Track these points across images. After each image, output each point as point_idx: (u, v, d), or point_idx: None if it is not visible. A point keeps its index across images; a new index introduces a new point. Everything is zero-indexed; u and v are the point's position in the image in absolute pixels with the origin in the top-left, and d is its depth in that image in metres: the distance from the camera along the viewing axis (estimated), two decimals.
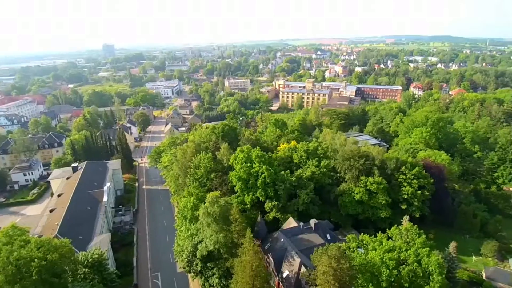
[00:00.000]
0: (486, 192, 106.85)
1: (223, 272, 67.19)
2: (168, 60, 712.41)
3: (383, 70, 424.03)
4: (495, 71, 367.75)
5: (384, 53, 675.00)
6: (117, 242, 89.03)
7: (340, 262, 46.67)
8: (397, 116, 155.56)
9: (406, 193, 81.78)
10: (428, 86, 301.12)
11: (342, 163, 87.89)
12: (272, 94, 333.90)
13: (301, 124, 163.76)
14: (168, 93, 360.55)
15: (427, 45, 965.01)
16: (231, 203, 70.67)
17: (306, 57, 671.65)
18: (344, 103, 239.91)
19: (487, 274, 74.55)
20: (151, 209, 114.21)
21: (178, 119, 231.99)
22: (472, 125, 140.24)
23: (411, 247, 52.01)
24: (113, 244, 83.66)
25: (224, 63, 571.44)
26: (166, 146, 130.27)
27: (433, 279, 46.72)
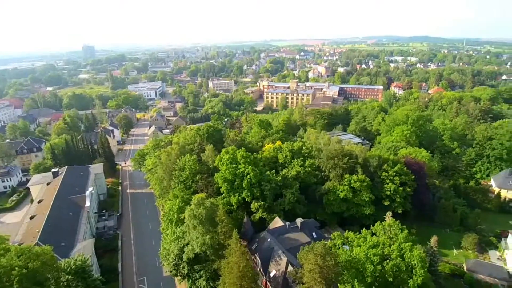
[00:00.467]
0: (465, 187, 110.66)
1: (211, 274, 66.91)
2: (151, 62, 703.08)
3: (364, 70, 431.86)
4: (472, 70, 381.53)
5: (366, 54, 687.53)
6: (101, 248, 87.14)
7: (325, 259, 47.33)
8: (379, 115, 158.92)
9: (389, 189, 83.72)
10: (408, 85, 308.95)
11: (326, 162, 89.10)
12: (256, 94, 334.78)
13: (286, 124, 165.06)
14: (151, 95, 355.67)
15: (407, 46, 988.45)
16: (217, 204, 70.38)
17: (289, 58, 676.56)
18: (328, 103, 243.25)
19: (468, 266, 77.16)
20: (135, 213, 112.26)
21: (162, 121, 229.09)
22: (451, 122, 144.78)
23: (394, 242, 53.32)
24: (97, 250, 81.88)
25: (208, 64, 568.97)
26: (150, 149, 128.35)
27: (416, 272, 48.05)
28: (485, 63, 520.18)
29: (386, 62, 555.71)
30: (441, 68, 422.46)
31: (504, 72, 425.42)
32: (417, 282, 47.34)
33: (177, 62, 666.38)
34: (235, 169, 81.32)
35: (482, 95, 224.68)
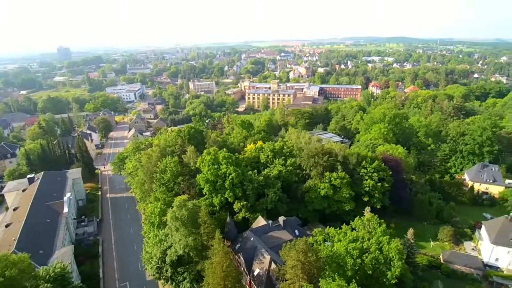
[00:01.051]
0: (440, 181, 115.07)
1: (194, 276, 66.77)
2: (129, 63, 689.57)
3: (343, 70, 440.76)
4: (445, 69, 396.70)
5: (344, 54, 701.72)
6: (81, 254, 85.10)
7: (307, 255, 48.31)
8: (358, 114, 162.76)
9: (368, 186, 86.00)
10: (385, 84, 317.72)
11: (307, 160, 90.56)
12: (238, 95, 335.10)
13: (268, 125, 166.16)
14: (130, 97, 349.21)
15: (384, 46, 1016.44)
16: (199, 205, 70.30)
17: (270, 59, 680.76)
18: (308, 103, 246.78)
19: (445, 257, 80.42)
20: (116, 218, 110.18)
21: (142, 124, 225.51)
22: (425, 120, 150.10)
23: (373, 236, 55.01)
24: (77, 257, 79.95)
25: (188, 65, 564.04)
26: (130, 152, 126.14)
27: (394, 264, 49.79)
28: (458, 62, 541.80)
29: (364, 62, 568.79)
30: (416, 67, 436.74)
31: (475, 70, 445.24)
32: (395, 273, 49.09)
33: (156, 63, 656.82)
34: (217, 170, 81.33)
35: (455, 93, 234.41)
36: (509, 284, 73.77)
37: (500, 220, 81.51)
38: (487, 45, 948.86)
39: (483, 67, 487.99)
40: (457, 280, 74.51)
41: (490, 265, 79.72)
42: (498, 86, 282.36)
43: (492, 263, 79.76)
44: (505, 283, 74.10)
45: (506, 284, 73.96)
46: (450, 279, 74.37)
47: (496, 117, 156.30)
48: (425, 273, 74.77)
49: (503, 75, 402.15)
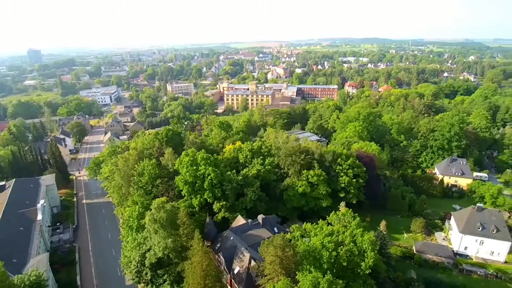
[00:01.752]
0: (412, 176, 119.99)
1: (175, 278, 66.64)
2: (104, 65, 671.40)
3: (320, 71, 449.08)
4: (417, 69, 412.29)
5: (321, 55, 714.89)
6: (57, 262, 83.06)
7: (285, 250, 49.64)
8: (334, 113, 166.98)
9: (343, 182, 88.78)
10: (360, 84, 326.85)
11: (284, 159, 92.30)
12: (217, 97, 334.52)
13: (247, 125, 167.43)
14: (105, 100, 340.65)
15: (359, 47, 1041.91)
16: (178, 207, 70.29)
17: (248, 60, 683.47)
18: (286, 103, 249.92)
19: (417, 248, 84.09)
20: (93, 224, 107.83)
21: (119, 127, 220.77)
22: (398, 117, 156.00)
23: (348, 229, 57.11)
24: (53, 265, 78.12)
25: (165, 67, 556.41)
26: (106, 156, 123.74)
27: (367, 255, 51.96)
28: (429, 62, 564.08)
29: (340, 62, 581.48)
30: (390, 67, 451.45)
31: (445, 69, 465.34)
32: (369, 264, 51.24)
33: (132, 65, 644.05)
34: (196, 171, 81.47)
35: (426, 91, 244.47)
36: (477, 271, 78.14)
37: (468, 211, 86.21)
38: (456, 45, 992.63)
39: (452, 66, 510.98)
40: (429, 269, 78.04)
41: (460, 254, 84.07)
42: (466, 84, 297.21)
43: (462, 252, 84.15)
44: (474, 270, 78.43)
45: (475, 270, 78.28)
46: (422, 268, 77.80)
47: (463, 113, 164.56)
48: (399, 264, 78.01)
49: (471, 74, 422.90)
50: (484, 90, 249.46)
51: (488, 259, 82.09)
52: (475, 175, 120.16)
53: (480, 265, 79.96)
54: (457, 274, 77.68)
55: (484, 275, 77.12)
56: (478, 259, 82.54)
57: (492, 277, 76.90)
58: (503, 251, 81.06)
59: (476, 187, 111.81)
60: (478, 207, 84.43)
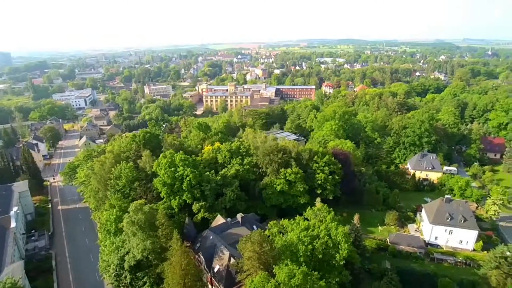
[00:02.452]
0: (386, 171, 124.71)
1: (155, 279, 66.57)
2: (78, 68, 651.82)
3: (298, 71, 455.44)
4: (391, 69, 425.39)
5: (299, 56, 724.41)
6: (33, 269, 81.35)
7: (262, 245, 50.92)
8: (311, 113, 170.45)
9: (320, 179, 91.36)
10: (337, 84, 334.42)
11: (263, 158, 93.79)
12: (195, 98, 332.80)
13: (226, 126, 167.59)
14: (80, 104, 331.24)
15: (335, 48, 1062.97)
16: (156, 209, 70.20)
17: (227, 61, 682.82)
18: (265, 104, 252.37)
19: (391, 239, 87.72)
20: (69, 230, 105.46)
21: (95, 131, 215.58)
22: (372, 115, 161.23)
23: (323, 223, 59.14)
24: (29, 272, 76.37)
25: (142, 69, 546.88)
26: (81, 160, 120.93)
27: (341, 247, 54.11)
28: (402, 62, 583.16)
29: (317, 63, 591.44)
30: (365, 67, 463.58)
31: (417, 69, 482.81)
32: (343, 255, 53.40)
33: (108, 67, 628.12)
34: (174, 172, 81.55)
35: (399, 90, 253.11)
36: (448, 259, 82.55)
37: (437, 202, 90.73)
38: (428, 45, 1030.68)
39: (424, 66, 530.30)
40: (403, 259, 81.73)
41: (431, 244, 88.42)
42: (436, 83, 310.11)
43: (433, 242, 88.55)
44: (444, 258, 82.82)
45: (445, 259, 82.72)
46: (396, 258, 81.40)
47: (433, 111, 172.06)
48: (375, 255, 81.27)
49: (442, 73, 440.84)
50: (453, 88, 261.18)
51: (457, 247, 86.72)
52: (445, 169, 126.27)
53: (450, 254, 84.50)
54: (429, 262, 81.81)
55: (454, 263, 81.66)
56: (448, 248, 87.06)
57: (461, 264, 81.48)
58: (471, 239, 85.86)
59: (446, 180, 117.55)
60: (446, 199, 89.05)
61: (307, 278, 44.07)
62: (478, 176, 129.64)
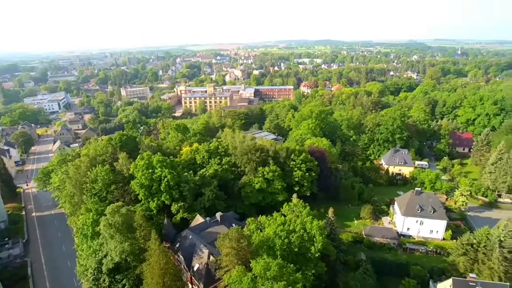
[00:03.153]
0: (361, 167, 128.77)
1: (134, 281, 66.44)
2: (50, 71, 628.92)
3: (277, 72, 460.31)
4: (366, 69, 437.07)
5: (277, 57, 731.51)
6: (8, 278, 79.88)
7: (239, 241, 52.17)
8: (289, 112, 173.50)
9: (297, 176, 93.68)
10: (314, 84, 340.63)
11: (241, 157, 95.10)
12: (174, 100, 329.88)
13: (205, 127, 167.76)
14: (53, 108, 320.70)
15: (313, 49, 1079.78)
16: (134, 210, 70.00)
17: (206, 62, 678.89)
18: (244, 104, 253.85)
19: (366, 232, 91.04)
20: (45, 237, 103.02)
21: (69, 135, 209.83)
22: (347, 114, 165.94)
23: (299, 218, 61.12)
24: (4, 281, 75.49)
25: (118, 71, 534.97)
26: (55, 165, 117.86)
27: (316, 240, 56.21)
28: (376, 62, 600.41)
29: (295, 64, 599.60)
30: (342, 68, 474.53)
31: (391, 69, 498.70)
32: (318, 247, 55.51)
33: (82, 70, 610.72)
34: (152, 174, 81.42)
35: (373, 89, 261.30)
36: (419, 249, 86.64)
37: (408, 195, 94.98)
38: (401, 45, 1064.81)
39: (397, 66, 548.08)
40: (377, 250, 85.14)
41: (404, 234, 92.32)
42: (409, 82, 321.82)
43: (405, 233, 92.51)
44: (416, 248, 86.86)
45: (417, 248, 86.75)
46: (371, 250, 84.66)
47: (405, 108, 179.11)
48: (351, 248, 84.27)
49: (414, 72, 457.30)
50: (424, 87, 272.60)
51: (428, 237, 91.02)
52: (417, 164, 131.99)
53: (421, 243, 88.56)
54: (402, 252, 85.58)
55: (425, 252, 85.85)
56: (420, 238, 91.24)
57: (432, 253, 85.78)
58: (440, 229, 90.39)
59: (417, 174, 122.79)
60: (416, 191, 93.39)
61: (283, 270, 45.70)
62: (448, 170, 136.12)
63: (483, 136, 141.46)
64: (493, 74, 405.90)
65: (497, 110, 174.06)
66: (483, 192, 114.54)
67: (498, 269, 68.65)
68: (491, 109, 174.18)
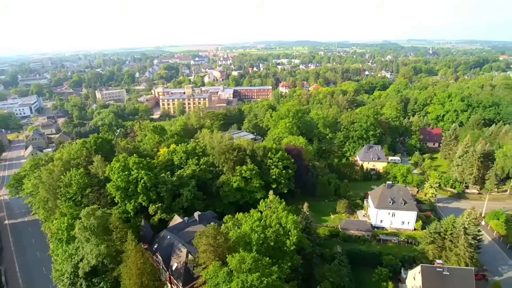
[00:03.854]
0: (337, 164, 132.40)
1: (112, 284, 66.08)
2: (21, 74, 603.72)
3: (256, 72, 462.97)
4: (342, 69, 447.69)
5: (256, 58, 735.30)
6: None
7: (216, 238, 53.19)
8: (268, 112, 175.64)
9: (274, 174, 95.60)
10: (293, 84, 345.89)
11: (219, 157, 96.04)
12: (152, 102, 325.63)
13: (183, 129, 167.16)
14: (25, 112, 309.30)
15: (291, 49, 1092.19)
16: (109, 212, 69.52)
17: (184, 64, 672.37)
18: (223, 105, 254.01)
19: (342, 225, 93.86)
20: (19, 245, 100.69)
21: (42, 140, 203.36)
22: (323, 112, 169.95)
23: (275, 214, 62.83)
24: None
25: (93, 73, 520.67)
26: (28, 170, 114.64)
27: (291, 233, 58.09)
28: (352, 62, 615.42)
29: (274, 64, 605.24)
30: (319, 68, 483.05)
31: (366, 68, 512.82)
32: (293, 241, 57.37)
33: (55, 72, 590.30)
34: (128, 175, 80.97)
35: (349, 88, 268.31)
36: (392, 239, 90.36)
37: (380, 188, 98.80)
38: (376, 46, 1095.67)
39: (372, 66, 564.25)
40: (352, 242, 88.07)
41: (377, 227, 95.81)
42: (383, 81, 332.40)
43: (379, 225, 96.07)
44: (388, 239, 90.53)
45: (389, 239, 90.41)
46: (347, 242, 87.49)
47: (379, 106, 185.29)
48: (327, 241, 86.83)
49: (388, 71, 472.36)
50: (397, 85, 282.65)
51: (400, 228, 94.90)
52: (390, 159, 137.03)
53: (394, 234, 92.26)
54: (375, 244, 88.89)
55: (397, 242, 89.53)
56: (392, 229, 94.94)
57: (404, 243, 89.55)
58: (411, 220, 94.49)
59: (390, 169, 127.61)
60: (388, 185, 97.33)
61: (258, 263, 47.11)
62: (419, 164, 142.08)
63: (451, 131, 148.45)
64: (462, 72, 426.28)
65: (465, 106, 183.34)
66: (451, 184, 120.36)
67: (464, 255, 72.89)
68: (459, 106, 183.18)
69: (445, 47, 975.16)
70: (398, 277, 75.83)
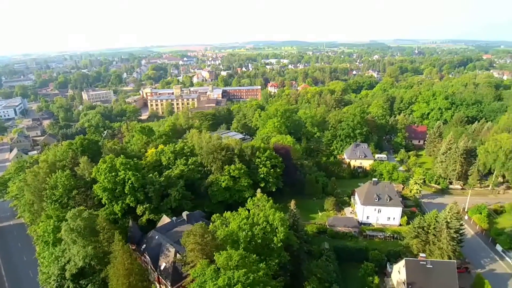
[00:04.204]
0: (325, 162, 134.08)
1: (99, 285, 65.73)
2: (4, 75, 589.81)
3: (245, 72, 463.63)
4: (330, 68, 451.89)
5: (245, 58, 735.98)
6: None
7: (204, 237, 53.60)
8: (256, 112, 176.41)
9: (263, 172, 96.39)
10: (281, 84, 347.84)
11: (207, 157, 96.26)
12: (140, 103, 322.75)
13: (172, 129, 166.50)
14: (9, 114, 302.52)
15: (280, 49, 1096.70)
16: (96, 214, 69.11)
17: (173, 64, 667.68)
18: (212, 105, 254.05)
19: (329, 222, 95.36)
20: (4, 249, 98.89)
21: (27, 142, 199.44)
22: (311, 112, 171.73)
23: (262, 211, 63.57)
24: None
25: (79, 74, 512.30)
26: (12, 173, 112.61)
27: (279, 230, 58.91)
28: (340, 61, 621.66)
29: (263, 64, 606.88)
30: (307, 67, 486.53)
31: (354, 68, 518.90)
32: (280, 238, 58.18)
33: (40, 73, 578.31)
34: (115, 176, 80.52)
35: (336, 88, 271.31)
36: (378, 235, 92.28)
37: (366, 185, 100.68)
38: (363, 46, 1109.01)
39: (360, 65, 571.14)
40: (340, 239, 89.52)
41: (364, 223, 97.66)
42: (370, 80, 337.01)
43: (365, 221, 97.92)
44: (374, 234, 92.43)
45: (376, 235, 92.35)
46: (334, 239, 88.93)
47: (365, 105, 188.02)
48: (315, 238, 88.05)
49: (375, 71, 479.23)
50: (384, 84, 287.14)
51: (386, 224, 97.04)
52: (376, 157, 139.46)
53: (380, 230, 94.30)
54: (362, 240, 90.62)
55: (383, 238, 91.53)
56: (379, 225, 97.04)
57: (390, 238, 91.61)
58: (396, 215, 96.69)
59: (377, 166, 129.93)
60: (374, 181, 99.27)
61: (245, 260, 47.73)
62: (405, 161, 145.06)
63: (435, 128, 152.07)
64: (446, 71, 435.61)
65: (449, 105, 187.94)
66: (436, 180, 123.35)
67: (447, 249, 75.03)
68: (443, 104, 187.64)
69: (430, 47, 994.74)
70: (384, 271, 77.63)
